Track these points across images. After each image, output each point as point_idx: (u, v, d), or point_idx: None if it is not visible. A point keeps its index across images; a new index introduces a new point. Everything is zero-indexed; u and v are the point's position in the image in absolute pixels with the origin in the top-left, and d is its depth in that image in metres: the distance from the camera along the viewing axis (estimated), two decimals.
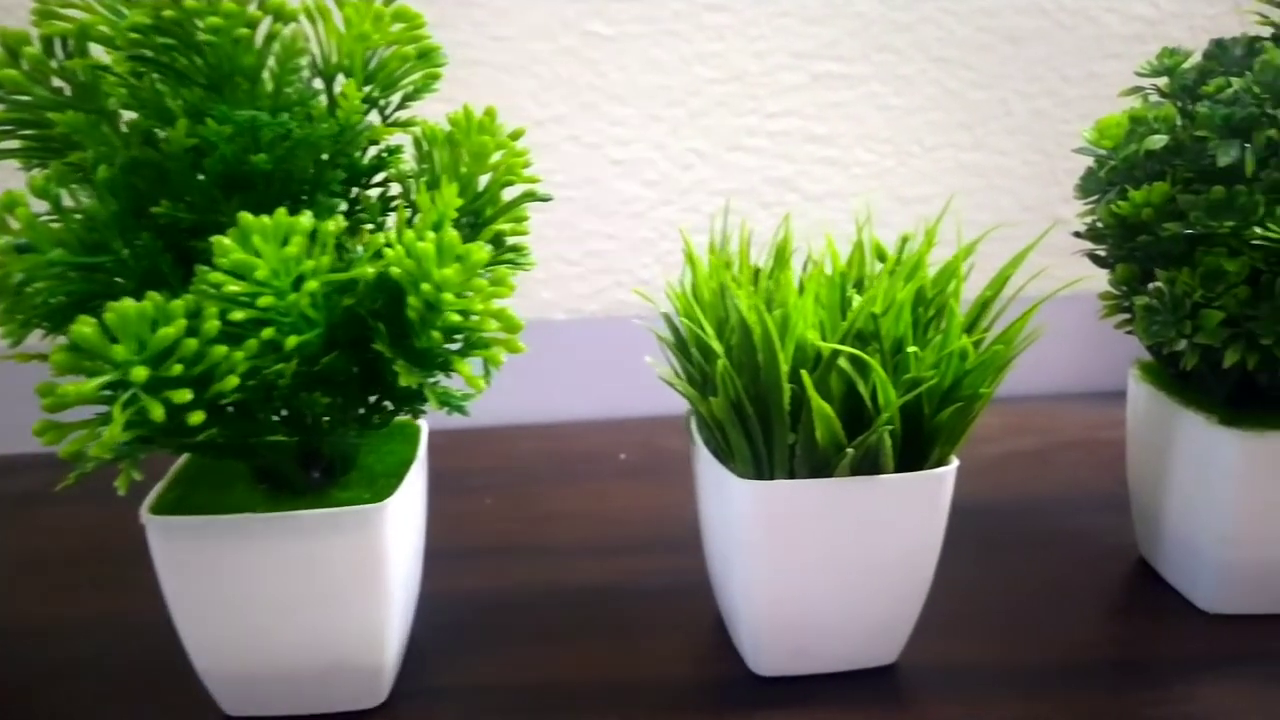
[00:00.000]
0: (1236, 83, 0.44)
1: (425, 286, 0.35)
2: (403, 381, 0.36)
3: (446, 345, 0.38)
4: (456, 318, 0.36)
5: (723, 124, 0.74)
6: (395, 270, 0.36)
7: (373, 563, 0.41)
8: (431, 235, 0.36)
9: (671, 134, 0.74)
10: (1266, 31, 0.48)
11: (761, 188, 0.76)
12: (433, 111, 0.73)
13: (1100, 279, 0.52)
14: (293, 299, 0.34)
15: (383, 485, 0.43)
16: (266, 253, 0.34)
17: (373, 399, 0.42)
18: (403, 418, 0.49)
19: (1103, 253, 0.51)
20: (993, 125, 0.76)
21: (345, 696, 0.44)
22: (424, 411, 0.42)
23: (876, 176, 0.77)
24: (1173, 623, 0.51)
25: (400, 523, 0.43)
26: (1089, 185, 0.51)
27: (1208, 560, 0.49)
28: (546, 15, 0.70)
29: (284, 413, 0.40)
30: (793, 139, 0.75)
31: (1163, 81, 0.50)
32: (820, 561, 0.43)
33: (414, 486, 0.44)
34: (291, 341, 0.34)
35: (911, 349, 0.40)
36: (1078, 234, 0.52)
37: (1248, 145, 0.43)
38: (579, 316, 0.76)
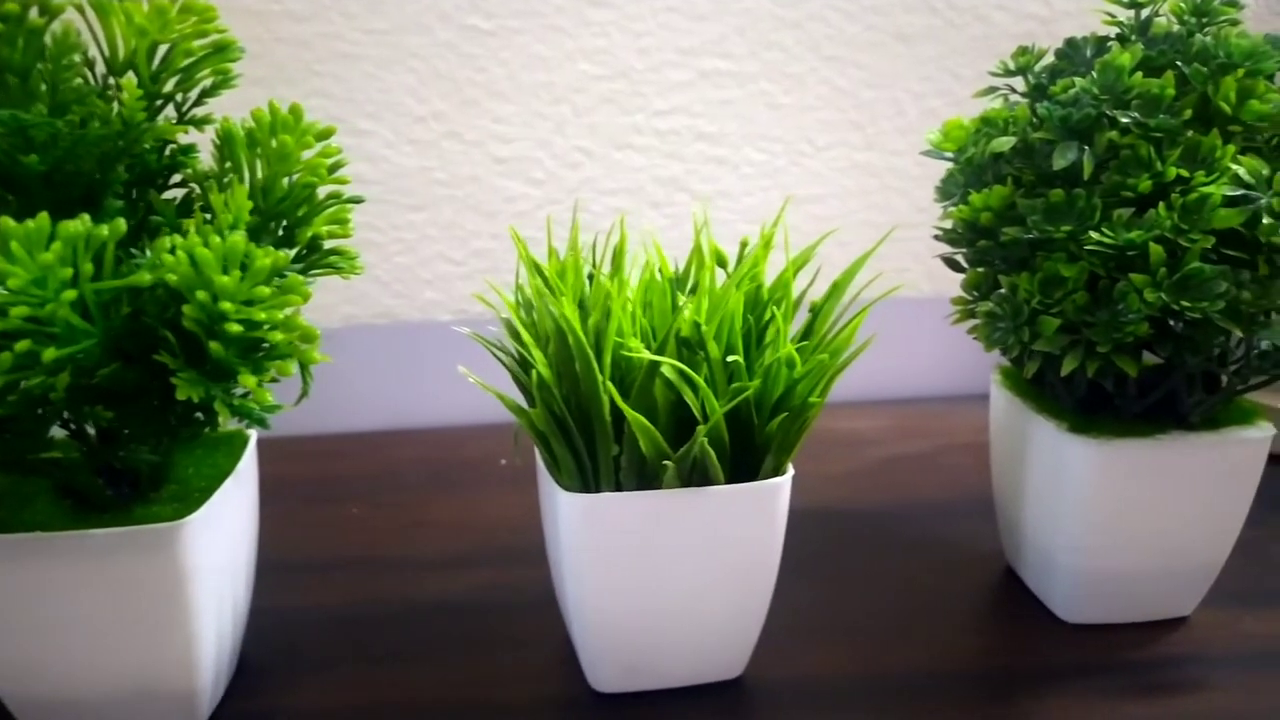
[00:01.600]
0: (1079, 83, 0.43)
1: (201, 295, 0.34)
2: (181, 394, 0.34)
3: (255, 354, 0.36)
4: (237, 327, 0.34)
5: (610, 122, 0.72)
6: (172, 277, 0.34)
7: (175, 583, 0.39)
8: (217, 240, 0.34)
9: (557, 132, 0.72)
10: (1116, 31, 0.47)
11: (650, 187, 0.74)
12: (312, 107, 0.70)
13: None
14: (51, 308, 0.32)
15: (196, 500, 0.41)
16: (24, 260, 0.32)
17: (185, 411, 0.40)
18: (232, 428, 0.47)
19: (960, 257, 0.50)
20: (885, 125, 0.75)
21: None
22: (216, 424, 0.40)
23: (768, 176, 0.75)
24: (1030, 633, 0.50)
25: (210, 539, 0.41)
26: (948, 187, 0.50)
27: (1062, 569, 0.49)
28: (423, 8, 0.68)
29: (72, 427, 0.37)
30: (681, 138, 0.74)
31: (1019, 82, 0.49)
32: (652, 575, 0.42)
33: (228, 501, 0.42)
34: (49, 354, 0.32)
35: (732, 358, 0.39)
36: (937, 237, 0.51)
37: (1087, 147, 0.42)
38: (464, 317, 0.75)
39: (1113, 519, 0.46)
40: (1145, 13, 0.46)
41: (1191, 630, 0.50)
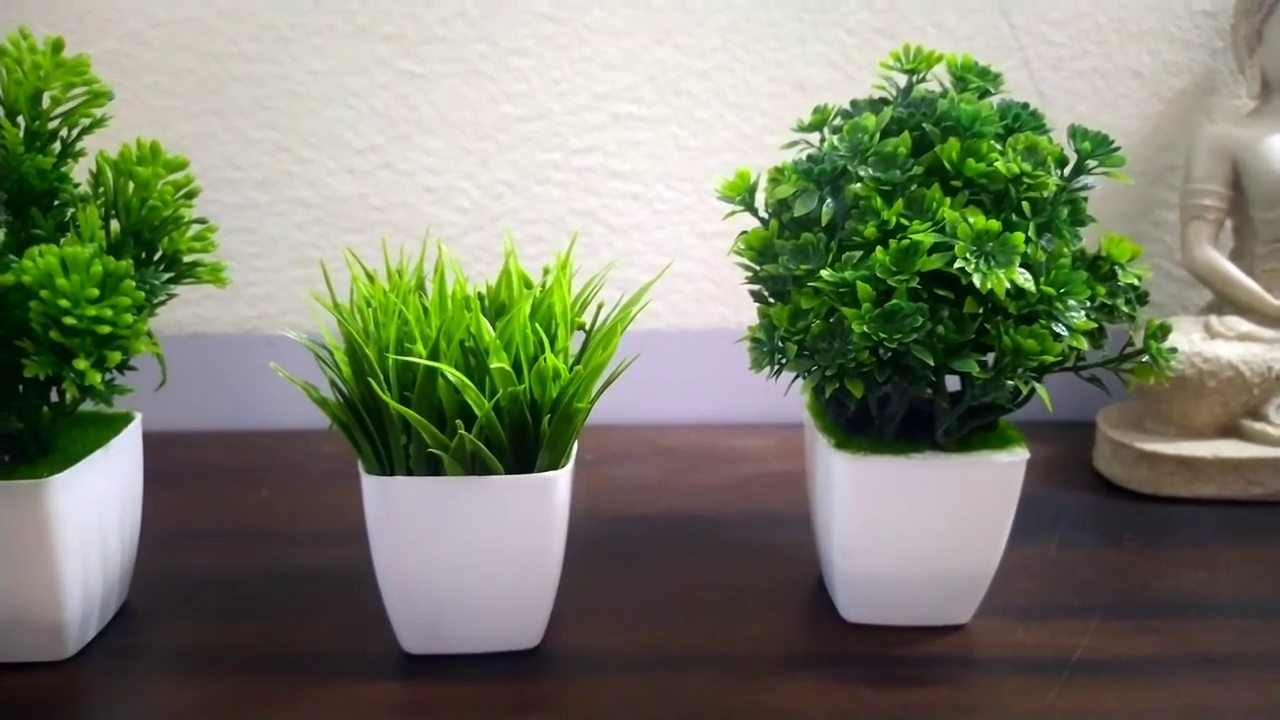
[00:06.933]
0: (830, 141, 0.49)
1: (45, 293, 0.42)
2: (29, 372, 0.43)
3: (105, 344, 0.44)
4: (72, 320, 0.42)
5: (529, 158, 0.80)
6: (27, 278, 0.42)
7: (41, 530, 0.48)
8: (70, 251, 0.43)
9: (481, 165, 0.80)
10: (898, 92, 0.53)
11: (568, 218, 0.82)
12: (262, 138, 0.79)
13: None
14: None
15: (68, 465, 0.49)
16: None
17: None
18: (121, 410, 0.55)
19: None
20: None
21: (29, 649, 0.50)
22: (64, 399, 0.48)
23: (678, 212, 0.82)
24: (810, 627, 0.55)
25: (75, 497, 0.49)
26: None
27: (839, 571, 0.54)
28: (361, 53, 0.77)
29: None
30: (596, 175, 0.81)
31: (817, 136, 0.55)
32: (442, 552, 0.49)
33: (96, 468, 0.50)
34: None
35: (495, 365, 0.46)
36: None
37: (830, 198, 0.48)
38: None
39: (870, 527, 0.52)
40: (914, 78, 0.52)
41: (962, 636, 0.55)
